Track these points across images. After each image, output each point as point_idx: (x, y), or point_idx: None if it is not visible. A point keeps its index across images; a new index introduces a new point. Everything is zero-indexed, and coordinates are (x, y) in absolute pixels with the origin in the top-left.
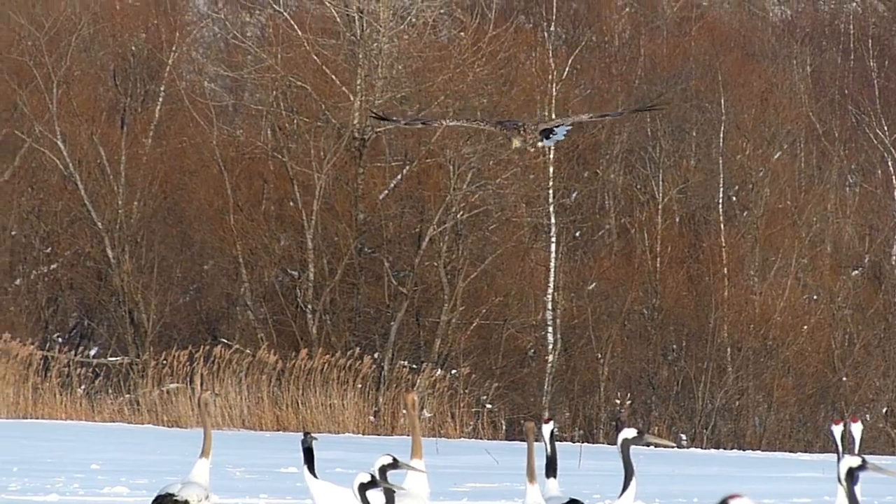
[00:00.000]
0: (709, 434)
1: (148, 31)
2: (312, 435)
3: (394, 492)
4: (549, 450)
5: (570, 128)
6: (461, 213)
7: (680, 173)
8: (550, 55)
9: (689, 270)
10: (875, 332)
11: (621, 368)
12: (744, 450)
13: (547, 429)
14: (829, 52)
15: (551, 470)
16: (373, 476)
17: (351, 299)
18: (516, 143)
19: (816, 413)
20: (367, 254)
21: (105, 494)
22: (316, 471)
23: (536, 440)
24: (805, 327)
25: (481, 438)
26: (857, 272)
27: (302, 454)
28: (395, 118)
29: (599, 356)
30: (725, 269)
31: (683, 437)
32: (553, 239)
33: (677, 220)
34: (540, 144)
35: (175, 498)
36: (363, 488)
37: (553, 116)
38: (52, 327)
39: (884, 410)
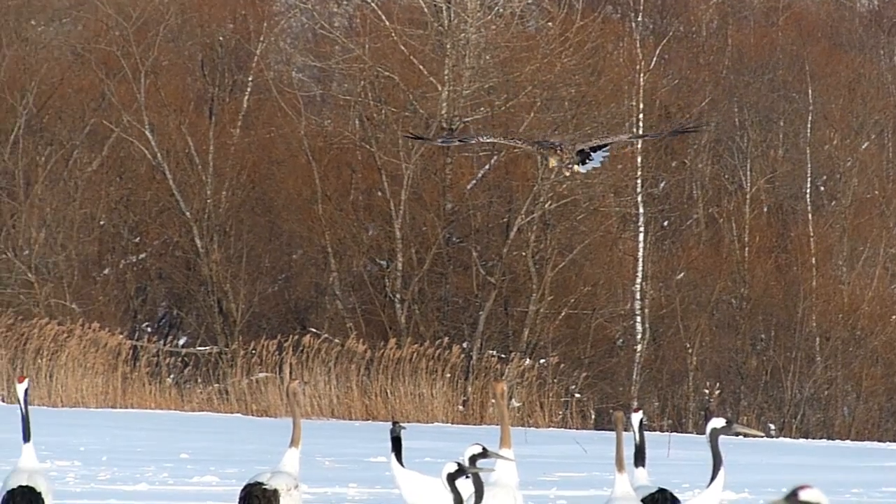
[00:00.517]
0: (797, 423)
1: (235, 22)
2: (401, 424)
3: (481, 480)
4: (637, 439)
5: (607, 154)
6: (549, 202)
7: (768, 163)
8: (638, 45)
9: (777, 260)
10: None
11: (710, 358)
12: (832, 439)
13: (636, 418)
14: None
15: (640, 459)
16: (460, 465)
17: (439, 289)
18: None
19: None
20: (455, 243)
21: (194, 483)
22: (403, 460)
23: (625, 429)
24: (894, 317)
25: (570, 428)
26: None
27: (390, 443)
28: (429, 138)
29: (688, 346)
30: (813, 258)
31: (772, 426)
32: (641, 228)
33: (765, 209)
34: (576, 168)
35: (264, 487)
36: (451, 478)
37: (641, 105)
38: (140, 317)
39: None
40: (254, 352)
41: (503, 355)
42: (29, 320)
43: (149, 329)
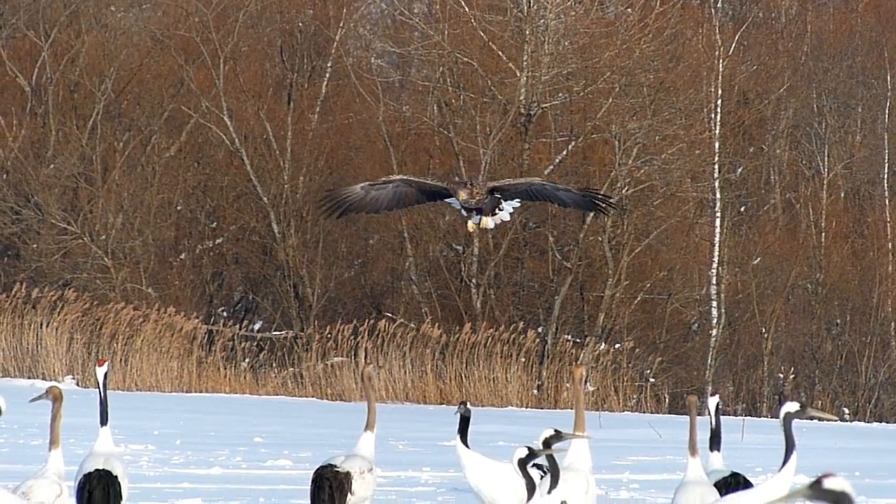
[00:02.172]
0: (872, 408)
1: (315, 8)
2: (467, 405)
3: (558, 465)
4: (713, 423)
5: (517, 205)
6: (626, 188)
7: (845, 149)
8: (717, 31)
9: (854, 245)
10: None
11: (785, 342)
12: None
13: (712, 402)
14: None
15: (715, 443)
16: (531, 449)
17: (515, 273)
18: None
19: None
20: (531, 228)
21: (268, 467)
22: (472, 443)
23: (699, 414)
24: None
25: (644, 412)
26: None
27: (458, 424)
28: (344, 202)
29: (763, 330)
30: (890, 243)
31: (846, 410)
32: (718, 214)
33: (842, 195)
34: (486, 220)
35: (336, 469)
36: (522, 463)
37: (719, 91)
38: (216, 301)
39: None
40: (329, 336)
41: (578, 340)
42: (105, 305)
43: (224, 314)
